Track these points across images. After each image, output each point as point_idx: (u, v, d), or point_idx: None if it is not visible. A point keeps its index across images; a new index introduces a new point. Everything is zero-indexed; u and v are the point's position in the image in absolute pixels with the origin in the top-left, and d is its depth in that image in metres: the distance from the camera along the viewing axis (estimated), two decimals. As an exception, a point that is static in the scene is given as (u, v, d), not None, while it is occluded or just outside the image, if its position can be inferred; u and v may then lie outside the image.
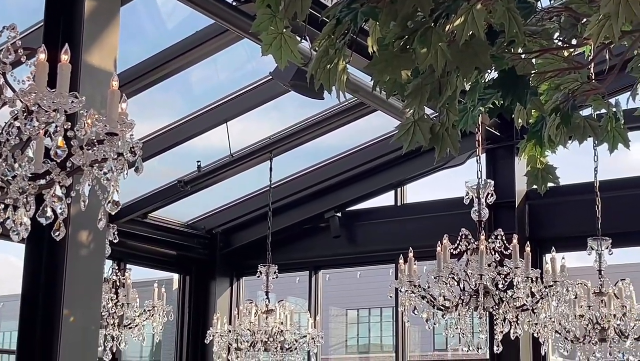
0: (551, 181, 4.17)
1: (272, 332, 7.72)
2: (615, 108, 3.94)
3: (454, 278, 4.99)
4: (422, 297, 5.02)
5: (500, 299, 4.98)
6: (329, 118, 8.52)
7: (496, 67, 3.38)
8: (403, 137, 3.21)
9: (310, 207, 10.05)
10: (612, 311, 5.89)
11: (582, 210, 7.34)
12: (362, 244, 10.15)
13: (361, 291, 25.22)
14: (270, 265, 8.18)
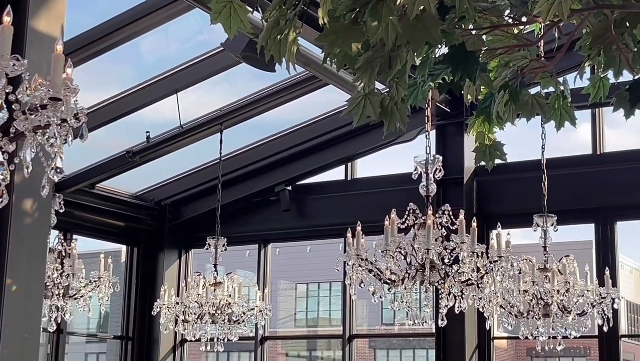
0: (498, 157, 4.21)
1: (219, 304, 7.71)
2: (562, 86, 3.98)
3: (401, 252, 5.02)
4: (369, 271, 5.05)
5: (445, 273, 5.03)
6: (280, 91, 8.48)
7: (446, 42, 3.38)
8: (353, 111, 3.20)
9: (261, 180, 10.02)
10: (555, 287, 5.99)
11: (529, 187, 7.44)
12: (312, 218, 10.17)
13: (311, 265, 25.33)
14: (219, 238, 8.15)
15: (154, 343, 10.41)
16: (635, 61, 3.80)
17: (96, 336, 21.51)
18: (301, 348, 27.29)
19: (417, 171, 5.50)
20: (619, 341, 8.26)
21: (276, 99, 8.56)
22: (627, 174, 8.31)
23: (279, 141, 9.61)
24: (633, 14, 3.57)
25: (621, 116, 3.85)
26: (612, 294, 6.00)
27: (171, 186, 10.41)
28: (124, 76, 8.84)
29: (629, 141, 8.19)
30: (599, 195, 8.41)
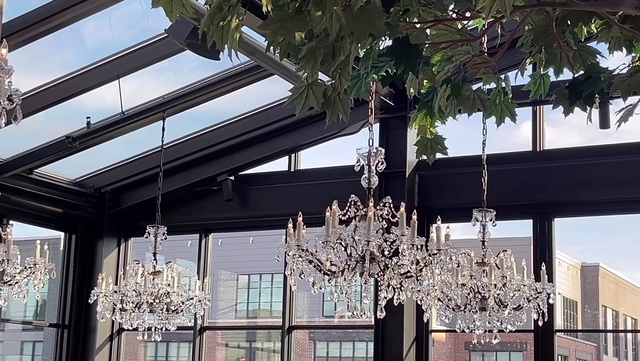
0: (440, 151, 4.25)
1: (158, 293, 7.64)
2: (504, 83, 4.03)
3: (342, 244, 5.03)
4: (309, 262, 5.05)
5: (385, 265, 5.05)
6: (224, 80, 8.42)
7: (390, 35, 3.39)
8: (296, 101, 3.19)
9: (203, 170, 9.95)
10: (493, 281, 6.07)
11: (470, 182, 7.51)
12: (255, 209, 10.14)
13: (253, 256, 25.28)
14: (159, 226, 8.07)
15: (90, 332, 10.28)
16: (576, 59, 3.86)
17: (31, 323, 21.16)
18: (241, 339, 27.24)
19: (359, 164, 5.51)
20: (553, 336, 8.41)
21: (220, 88, 8.50)
22: (566, 172, 8.45)
23: (223, 131, 9.55)
24: (574, 12, 3.62)
25: (561, 113, 3.92)
26: (547, 290, 6.10)
27: (112, 173, 10.28)
28: (65, 59, 8.69)
29: (569, 139, 8.34)
30: (537, 192, 8.54)
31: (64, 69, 8.38)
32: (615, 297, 29.47)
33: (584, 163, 8.41)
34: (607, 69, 3.79)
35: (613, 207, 8.62)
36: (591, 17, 3.72)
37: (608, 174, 8.26)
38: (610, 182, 8.23)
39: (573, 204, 8.60)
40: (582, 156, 8.51)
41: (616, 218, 8.92)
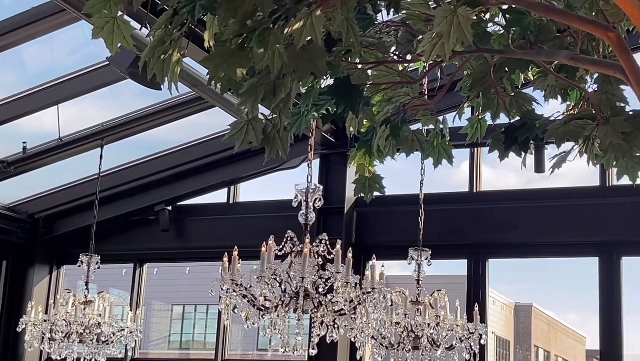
0: (377, 190, 4.28)
1: (88, 323, 7.50)
2: (442, 125, 4.09)
3: (276, 279, 5.02)
4: (243, 296, 5.02)
5: (319, 302, 5.05)
6: (165, 110, 8.38)
7: (332, 74, 3.42)
8: (235, 136, 3.19)
9: (140, 199, 9.85)
10: (426, 320, 6.11)
11: (407, 221, 7.57)
12: (192, 240, 10.05)
13: (189, 286, 24.99)
14: (92, 255, 7.94)
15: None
16: (512, 105, 3.94)
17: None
18: (173, 371, 26.83)
19: (297, 199, 5.52)
20: (485, 375, 8.47)
21: (161, 117, 8.46)
22: (501, 213, 8.58)
23: (162, 160, 9.47)
24: (512, 59, 3.71)
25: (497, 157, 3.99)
26: (479, 330, 6.15)
27: (46, 199, 10.10)
28: (5, 82, 8.56)
29: (508, 180, 8.48)
30: (473, 232, 8.65)
31: (2, 92, 8.25)
32: (547, 337, 29.86)
33: (518, 206, 8.55)
34: (542, 116, 3.88)
35: (545, 250, 8.77)
36: (528, 65, 3.81)
37: (541, 217, 8.41)
38: (543, 225, 8.38)
39: (506, 246, 8.72)
40: (516, 198, 8.66)
41: (550, 260, 9.05)
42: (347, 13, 3.06)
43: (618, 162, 3.83)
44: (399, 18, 3.78)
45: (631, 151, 3.75)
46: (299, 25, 2.79)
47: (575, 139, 3.82)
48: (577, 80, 3.81)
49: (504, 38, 3.63)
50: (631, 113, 3.67)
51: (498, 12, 3.60)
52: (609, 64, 3.01)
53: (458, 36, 2.99)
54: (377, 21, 3.62)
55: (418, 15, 3.63)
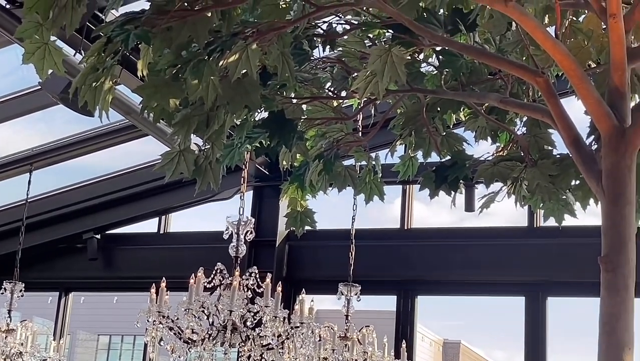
0: (309, 224, 4.29)
1: (10, 353, 7.29)
2: (374, 162, 4.12)
3: (204, 312, 4.96)
4: (169, 328, 4.95)
5: (247, 336, 5.01)
6: (98, 136, 8.27)
7: (266, 107, 3.44)
8: (167, 166, 3.17)
9: (68, 226, 9.66)
10: (354, 356, 6.10)
11: (339, 255, 7.57)
12: (120, 269, 9.89)
13: (116, 316, 24.56)
14: (16, 282, 7.75)
15: None
16: (444, 144, 4.00)
17: None
18: (96, 403, 26.24)
19: (228, 231, 5.49)
20: (411, 412, 8.49)
21: (93, 144, 8.34)
22: (431, 251, 8.66)
23: (92, 188, 9.33)
24: (444, 100, 3.77)
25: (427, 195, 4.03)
26: (407, 367, 6.17)
27: (-31, 224, 9.83)
28: None
29: (441, 217, 8.60)
30: (403, 269, 8.69)
31: None
32: (474, 375, 30.06)
33: (448, 243, 8.64)
34: (472, 157, 3.94)
35: (473, 288, 8.85)
36: (460, 106, 3.88)
37: (471, 255, 8.50)
38: (472, 263, 8.47)
39: (436, 283, 8.79)
40: (447, 236, 8.75)
41: (478, 298, 9.14)
42: (283, 48, 3.08)
43: (545, 204, 3.91)
44: (334, 55, 3.82)
45: (558, 193, 3.84)
46: (235, 58, 2.80)
47: (503, 180, 3.90)
48: (507, 122, 3.89)
49: (437, 79, 3.69)
50: (558, 157, 3.76)
51: (432, 53, 3.67)
52: (537, 108, 3.08)
53: (392, 75, 3.03)
54: (313, 57, 3.65)
55: (354, 53, 3.67)
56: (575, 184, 3.78)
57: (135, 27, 2.53)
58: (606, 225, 2.56)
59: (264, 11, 3.10)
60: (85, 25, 4.95)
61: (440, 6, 3.27)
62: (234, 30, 2.88)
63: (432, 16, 3.13)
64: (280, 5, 3.12)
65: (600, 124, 2.61)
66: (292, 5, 3.20)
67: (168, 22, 2.60)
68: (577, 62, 2.60)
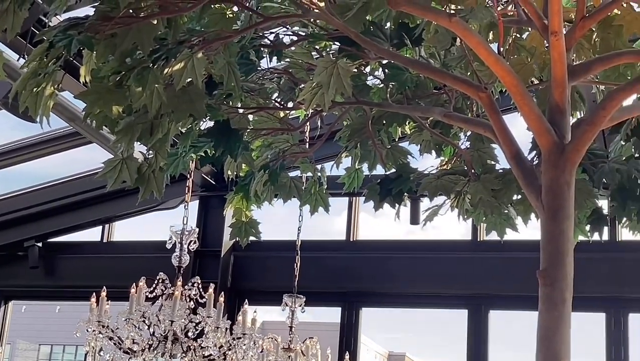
0: (253, 235, 4.27)
1: (-55, 363, 7.12)
2: (320, 173, 4.13)
3: (145, 322, 4.91)
4: (109, 338, 4.89)
5: (188, 347, 4.97)
6: (41, 143, 8.14)
7: (211, 117, 3.42)
8: (109, 174, 3.13)
9: (9, 234, 9.47)
10: (297, 367, 6.09)
11: (284, 266, 7.56)
12: (62, 278, 9.72)
13: (58, 326, 24.18)
14: (-47, 290, 7.58)
15: None
16: (389, 157, 4.03)
17: None
18: (35, 414, 25.77)
19: (171, 241, 5.45)
20: (353, 424, 8.48)
21: (35, 150, 8.21)
22: (376, 263, 8.68)
23: (34, 195, 9.16)
24: (389, 113, 3.79)
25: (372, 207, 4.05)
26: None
27: None
28: None
29: (389, 230, 8.61)
30: (348, 281, 8.70)
31: None
32: (418, 387, 30.23)
33: (393, 256, 8.68)
34: (417, 170, 3.97)
35: (417, 300, 8.89)
36: (405, 119, 3.91)
37: (415, 268, 8.55)
38: (417, 276, 8.52)
39: (380, 295, 8.81)
40: (392, 248, 8.79)
41: (423, 310, 9.20)
42: (230, 57, 3.07)
43: (487, 218, 3.95)
44: (282, 66, 3.82)
45: (500, 207, 3.89)
46: (180, 67, 2.78)
47: (447, 194, 3.93)
48: (451, 137, 3.93)
49: (383, 92, 3.71)
50: (501, 171, 3.81)
51: (378, 66, 3.69)
52: (479, 123, 3.11)
53: (337, 87, 3.04)
54: (260, 67, 3.64)
55: (300, 64, 3.68)
56: (517, 198, 3.83)
57: (78, 32, 2.50)
58: (545, 240, 2.60)
59: (210, 20, 3.09)
60: (30, 30, 4.88)
61: (387, 20, 3.30)
62: (180, 38, 2.86)
63: (378, 30, 3.15)
64: (227, 14, 3.12)
65: (541, 140, 2.65)
66: (239, 15, 3.20)
67: (112, 29, 2.57)
68: (519, 78, 2.63)
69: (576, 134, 2.66)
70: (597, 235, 3.80)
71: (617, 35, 3.08)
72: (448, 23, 2.57)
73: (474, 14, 2.69)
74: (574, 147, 2.62)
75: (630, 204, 3.57)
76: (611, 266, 7.86)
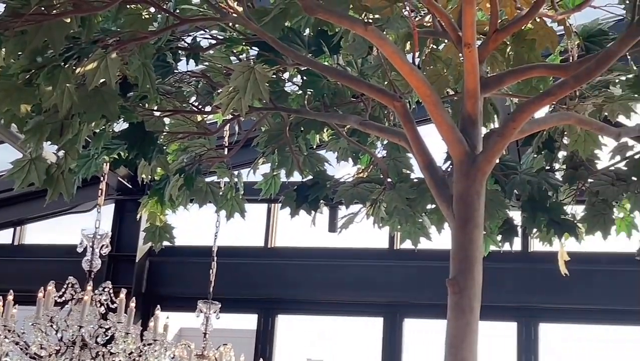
0: (167, 240, 4.21)
1: None
2: (237, 179, 4.10)
3: (53, 327, 4.80)
4: (15, 343, 4.76)
5: (97, 353, 4.87)
6: (-48, 142, 7.90)
7: (126, 119, 3.36)
8: (16, 175, 3.05)
9: None
10: (208, 374, 6.02)
11: (200, 272, 7.49)
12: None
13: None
14: None
15: None
16: (306, 164, 4.02)
17: None
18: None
19: (83, 244, 5.34)
20: None
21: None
22: (293, 270, 8.68)
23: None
24: (307, 120, 3.79)
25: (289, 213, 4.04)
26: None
27: None
28: None
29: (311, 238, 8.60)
30: (264, 287, 8.68)
31: None
32: (334, 395, 30.28)
33: (310, 263, 8.69)
34: (333, 177, 3.98)
35: (333, 308, 8.90)
36: (323, 127, 3.91)
37: (332, 275, 8.58)
38: (333, 283, 8.55)
39: (297, 302, 8.80)
40: (309, 256, 8.78)
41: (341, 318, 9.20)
42: (145, 59, 3.02)
43: (402, 226, 3.98)
44: (200, 69, 3.78)
45: (414, 216, 3.92)
46: (93, 66, 2.72)
47: (363, 202, 3.95)
48: (368, 145, 3.95)
49: (301, 99, 3.71)
50: (416, 180, 3.85)
51: (296, 73, 3.69)
52: (394, 132, 3.14)
53: (255, 92, 3.02)
54: (177, 70, 3.60)
55: (219, 68, 3.65)
56: (431, 208, 3.87)
57: (-13, 28, 2.43)
58: (455, 248, 2.63)
59: (126, 21, 3.04)
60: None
61: (306, 27, 3.29)
62: (94, 38, 2.81)
63: (296, 36, 3.15)
64: (143, 15, 3.07)
65: (453, 150, 2.68)
66: (156, 16, 3.15)
67: (22, 26, 2.50)
68: (432, 88, 2.66)
69: (487, 144, 2.70)
70: (508, 245, 3.87)
71: (530, 49, 3.15)
72: (364, 31, 2.59)
73: (390, 24, 2.71)
74: (484, 158, 2.66)
75: (540, 215, 3.64)
76: (523, 276, 8.03)
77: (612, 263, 7.66)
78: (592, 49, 3.28)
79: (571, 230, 3.69)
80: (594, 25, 3.38)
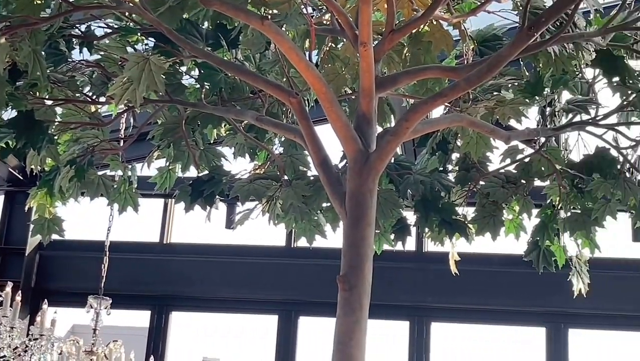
0: (56, 232, 4.10)
1: None
2: (130, 172, 4.02)
3: None
4: None
5: (-21, 349, 4.72)
6: None
7: (14, 106, 3.26)
8: None
9: None
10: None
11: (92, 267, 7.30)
12: None
13: None
14: None
15: None
16: (202, 158, 3.98)
17: None
18: None
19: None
20: None
21: None
22: (189, 266, 8.57)
23: None
24: (204, 114, 3.75)
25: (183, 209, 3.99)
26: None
27: None
28: None
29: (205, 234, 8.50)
30: (158, 283, 8.54)
31: None
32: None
33: (206, 260, 8.59)
34: (230, 173, 3.95)
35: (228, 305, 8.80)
36: (220, 122, 3.87)
37: (228, 272, 8.51)
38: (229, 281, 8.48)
39: (191, 299, 8.68)
40: (205, 252, 8.68)
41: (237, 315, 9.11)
42: (35, 46, 2.93)
43: (298, 223, 3.98)
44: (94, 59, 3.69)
45: (310, 214, 3.93)
46: (-21, 51, 2.63)
47: (259, 198, 3.93)
48: (265, 142, 3.93)
49: (198, 92, 3.66)
50: (312, 178, 3.85)
51: (194, 66, 3.64)
52: (290, 129, 3.13)
53: (149, 84, 2.96)
54: (70, 59, 3.50)
55: (114, 58, 3.57)
56: (327, 205, 3.89)
57: None
58: (346, 245, 2.64)
59: (17, 5, 2.94)
60: None
61: (204, 20, 3.26)
62: (-19, 21, 2.71)
63: (194, 28, 3.11)
64: (35, 1, 2.97)
65: (347, 148, 2.69)
66: (49, 2, 3.06)
67: None
68: (327, 86, 2.67)
69: (381, 143, 2.72)
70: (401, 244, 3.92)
71: (426, 51, 3.19)
72: (260, 26, 2.57)
73: (288, 20, 2.71)
74: (377, 157, 2.68)
75: (432, 215, 3.71)
76: (416, 276, 8.15)
77: (504, 264, 7.85)
78: (486, 53, 3.35)
79: (462, 230, 3.77)
80: (489, 30, 3.46)
